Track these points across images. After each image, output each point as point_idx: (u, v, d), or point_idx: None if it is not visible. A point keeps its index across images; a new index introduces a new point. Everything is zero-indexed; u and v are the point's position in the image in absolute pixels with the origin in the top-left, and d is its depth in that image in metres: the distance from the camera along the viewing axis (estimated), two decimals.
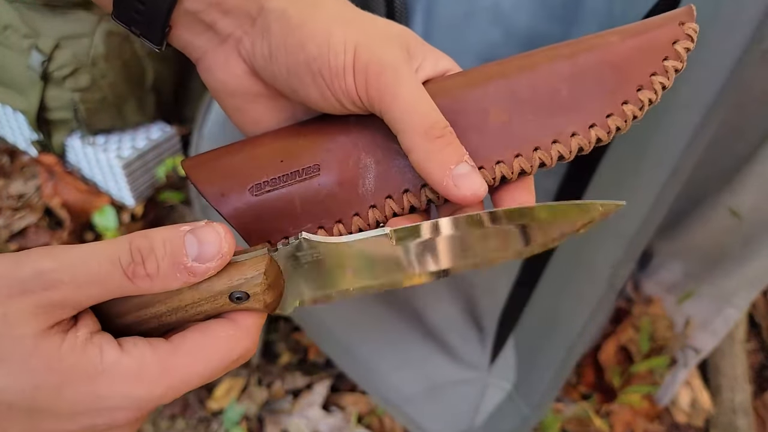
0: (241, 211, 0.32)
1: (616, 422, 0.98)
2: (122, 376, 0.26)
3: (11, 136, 1.29)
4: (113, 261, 0.25)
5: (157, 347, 0.26)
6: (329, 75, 0.30)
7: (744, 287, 0.89)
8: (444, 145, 0.30)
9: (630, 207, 0.65)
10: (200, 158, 0.34)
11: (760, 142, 0.77)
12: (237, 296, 0.27)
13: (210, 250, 0.26)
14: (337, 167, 0.33)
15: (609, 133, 0.32)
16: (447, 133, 0.30)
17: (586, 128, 0.32)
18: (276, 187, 0.32)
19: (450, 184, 0.30)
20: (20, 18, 1.05)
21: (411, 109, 0.30)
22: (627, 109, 0.32)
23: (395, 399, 0.81)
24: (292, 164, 0.33)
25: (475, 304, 0.89)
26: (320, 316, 0.87)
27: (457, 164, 0.30)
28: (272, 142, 0.33)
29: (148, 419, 1.03)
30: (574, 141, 0.32)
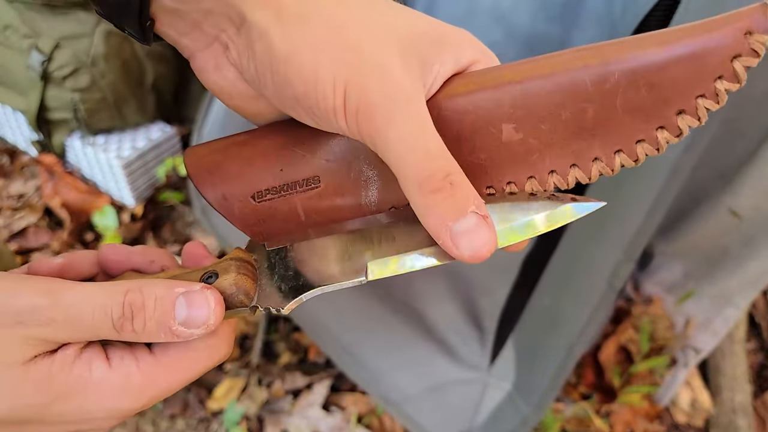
0: (245, 214, 0.32)
1: (616, 422, 0.98)
2: (109, 390, 0.27)
3: (11, 136, 1.29)
4: (105, 311, 0.26)
5: (141, 360, 0.28)
6: (320, 114, 0.27)
7: (744, 287, 0.89)
8: (441, 200, 0.26)
9: (630, 207, 0.65)
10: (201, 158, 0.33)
11: (760, 142, 0.77)
12: (208, 276, 0.29)
13: (197, 320, 0.27)
14: (337, 179, 0.31)
15: (636, 161, 0.28)
16: (446, 185, 0.26)
17: (611, 154, 0.28)
18: (278, 195, 0.32)
19: (448, 243, 0.26)
20: (20, 18, 1.05)
21: (403, 157, 0.26)
22: (661, 137, 0.27)
23: (395, 399, 0.81)
24: (291, 174, 0.32)
25: (475, 304, 0.89)
26: (320, 316, 0.87)
27: (456, 220, 0.26)
28: (270, 150, 0.32)
29: (148, 419, 1.03)
30: (595, 167, 0.28)
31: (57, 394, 0.26)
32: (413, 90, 0.27)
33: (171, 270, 0.31)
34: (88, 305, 0.26)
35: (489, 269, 0.92)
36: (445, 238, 0.26)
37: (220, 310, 0.28)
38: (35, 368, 0.26)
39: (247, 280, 0.29)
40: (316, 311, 0.87)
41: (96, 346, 0.28)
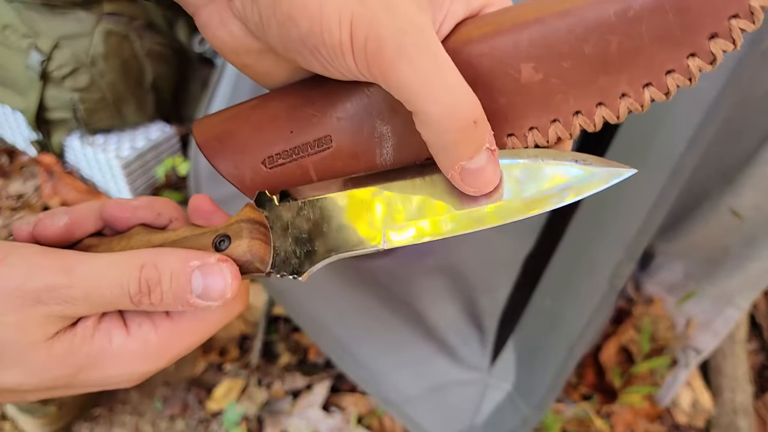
0: (257, 183, 0.31)
1: (617, 423, 0.98)
2: (129, 357, 0.28)
3: (10, 136, 1.29)
4: (122, 287, 0.26)
5: (159, 325, 0.28)
6: (326, 53, 0.26)
7: (745, 287, 0.89)
8: (461, 140, 0.25)
9: (631, 207, 0.65)
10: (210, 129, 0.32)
11: (760, 142, 0.77)
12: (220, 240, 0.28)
13: (214, 293, 0.27)
14: (350, 138, 0.29)
15: (668, 94, 0.26)
16: (470, 124, 0.25)
17: (640, 88, 0.26)
18: (289, 159, 0.30)
19: (456, 177, 0.26)
20: (19, 18, 1.05)
21: (418, 92, 0.25)
22: (693, 65, 0.25)
23: (395, 399, 0.81)
24: (302, 136, 0.30)
25: (476, 305, 0.88)
26: (320, 317, 0.87)
27: (470, 159, 0.26)
28: (280, 112, 0.31)
29: (147, 420, 1.03)
30: (623, 103, 0.26)
31: (81, 366, 0.27)
32: (423, 23, 0.26)
33: (180, 229, 0.30)
34: (105, 281, 0.26)
35: (490, 269, 0.91)
36: (454, 173, 0.26)
37: (237, 283, 0.27)
38: (58, 344, 0.26)
39: (260, 246, 0.28)
40: (316, 311, 0.87)
41: (114, 315, 0.28)
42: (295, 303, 0.88)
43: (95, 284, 0.26)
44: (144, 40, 1.12)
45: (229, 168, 0.31)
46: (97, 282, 0.26)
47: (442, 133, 0.25)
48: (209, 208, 0.31)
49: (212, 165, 0.32)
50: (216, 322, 0.29)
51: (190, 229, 0.29)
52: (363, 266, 0.92)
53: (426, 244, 0.29)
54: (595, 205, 0.69)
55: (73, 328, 0.27)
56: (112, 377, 0.28)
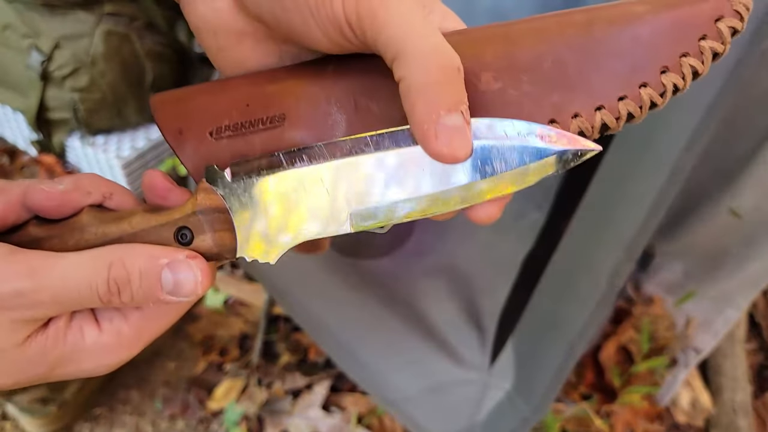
0: (197, 153, 0.30)
1: (617, 422, 0.98)
2: (103, 350, 0.28)
3: (11, 136, 1.29)
4: (91, 288, 0.26)
5: (129, 317, 0.28)
6: (314, 1, 0.26)
7: (744, 287, 0.89)
8: (444, 84, 0.25)
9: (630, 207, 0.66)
10: (169, 94, 0.32)
11: (760, 142, 0.77)
12: (182, 233, 0.28)
13: (185, 289, 0.27)
14: (303, 119, 0.29)
15: (618, 120, 0.27)
16: (454, 71, 0.25)
17: (592, 110, 0.27)
18: (237, 133, 0.30)
19: (431, 132, 0.25)
20: (20, 18, 1.05)
21: (407, 29, 0.25)
22: (645, 93, 0.27)
23: (395, 399, 0.81)
24: (257, 111, 0.30)
25: (475, 305, 0.89)
26: (321, 316, 0.87)
27: (449, 112, 0.25)
28: (242, 85, 0.31)
29: (147, 420, 1.03)
30: (574, 123, 0.27)
31: (55, 364, 0.27)
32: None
33: (135, 217, 0.28)
34: (72, 283, 0.26)
35: (490, 269, 0.92)
36: (430, 126, 0.25)
37: (207, 279, 0.27)
38: (30, 348, 0.26)
39: (226, 236, 0.27)
40: (316, 311, 0.87)
41: (84, 312, 0.28)
42: (296, 303, 0.88)
43: (63, 286, 0.26)
44: (144, 40, 1.12)
45: (174, 132, 0.31)
46: (64, 284, 0.26)
47: (428, 70, 0.25)
48: (164, 185, 0.30)
49: (158, 126, 0.31)
50: (185, 305, 0.29)
51: (144, 218, 0.28)
52: (363, 266, 0.93)
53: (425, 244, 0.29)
54: (595, 206, 0.69)
55: (45, 330, 0.27)
56: (88, 369, 0.28)
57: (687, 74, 0.27)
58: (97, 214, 0.29)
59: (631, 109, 0.27)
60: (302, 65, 0.31)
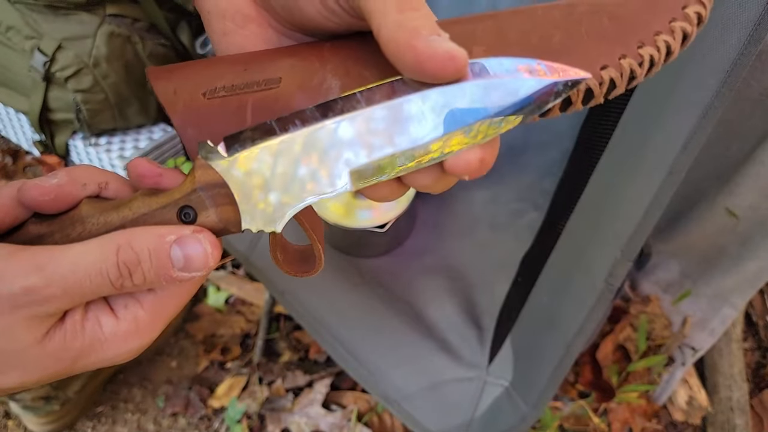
0: (189, 110, 0.30)
1: (614, 420, 0.99)
2: (123, 338, 0.28)
3: (14, 137, 1.30)
4: (102, 275, 0.26)
5: (144, 300, 0.28)
6: None
7: (741, 286, 0.90)
8: (419, 16, 0.26)
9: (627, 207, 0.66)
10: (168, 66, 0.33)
11: (757, 142, 0.78)
12: (185, 212, 0.27)
13: (196, 263, 0.27)
14: (299, 83, 0.30)
15: (602, 85, 0.29)
16: (422, 5, 0.26)
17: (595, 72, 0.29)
18: (231, 93, 0.30)
19: (422, 44, 0.25)
20: (22, 19, 1.05)
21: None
22: (625, 63, 0.29)
23: (394, 397, 0.82)
24: (254, 75, 0.31)
25: (474, 303, 0.89)
26: (321, 315, 0.87)
27: (431, 33, 0.25)
28: (241, 56, 0.32)
29: (150, 417, 1.04)
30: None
31: (77, 357, 0.27)
32: None
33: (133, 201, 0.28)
34: (82, 272, 0.26)
35: (488, 268, 0.92)
36: (418, 41, 0.25)
37: (217, 251, 0.27)
38: (50, 343, 0.26)
39: (229, 210, 0.27)
40: (317, 310, 0.88)
41: (99, 301, 0.28)
42: (296, 302, 0.89)
43: (73, 277, 0.25)
44: (146, 42, 1.13)
45: (168, 92, 0.31)
46: (74, 275, 0.25)
47: (400, 11, 0.25)
48: (153, 171, 0.29)
49: (152, 86, 0.32)
50: (198, 281, 0.29)
51: (145, 202, 0.28)
52: (363, 265, 0.93)
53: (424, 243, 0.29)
54: (592, 205, 0.70)
55: (62, 323, 0.27)
56: (109, 358, 0.28)
57: (661, 47, 0.30)
58: (96, 204, 0.28)
59: (613, 75, 0.29)
60: (302, 44, 0.32)
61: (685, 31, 0.30)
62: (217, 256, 0.27)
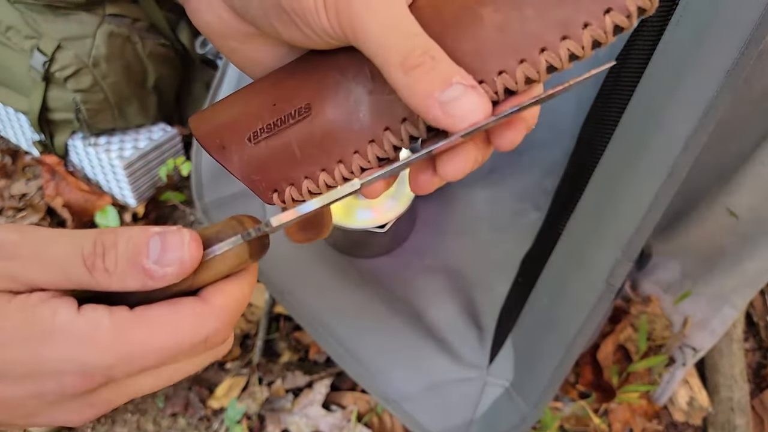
0: (244, 162, 0.31)
1: (615, 421, 0.98)
2: (72, 338, 0.24)
3: (13, 137, 1.30)
4: (75, 248, 0.25)
5: (116, 314, 0.25)
6: (302, 13, 0.27)
7: (742, 286, 0.90)
8: (423, 74, 0.26)
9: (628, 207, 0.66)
10: (203, 113, 0.33)
11: (758, 142, 0.77)
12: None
13: (171, 256, 0.25)
14: (328, 103, 0.30)
15: (630, 17, 0.26)
16: (427, 59, 0.26)
17: (601, 14, 0.26)
18: (272, 132, 0.31)
19: (438, 113, 0.25)
20: (22, 19, 1.05)
21: (383, 42, 0.26)
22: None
23: (395, 397, 0.82)
24: (284, 107, 0.31)
25: (474, 303, 0.89)
26: (321, 316, 0.87)
27: (443, 89, 0.25)
28: (265, 87, 0.32)
29: (149, 418, 1.04)
30: (586, 33, 0.26)
31: (11, 335, 0.24)
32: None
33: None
34: (57, 243, 0.25)
35: (488, 268, 0.92)
36: (434, 109, 0.25)
37: (196, 248, 0.26)
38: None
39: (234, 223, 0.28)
40: (317, 310, 0.88)
41: (68, 297, 0.26)
42: (296, 302, 0.88)
43: (46, 244, 0.25)
44: (146, 41, 1.13)
45: (217, 148, 0.32)
46: (49, 242, 0.25)
47: (406, 74, 0.26)
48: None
49: (201, 145, 0.33)
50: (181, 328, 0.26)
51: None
52: (363, 265, 0.93)
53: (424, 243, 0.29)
54: (593, 206, 0.70)
55: (11, 295, 0.24)
56: (49, 361, 0.24)
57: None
58: None
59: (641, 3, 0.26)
60: (315, 55, 0.31)
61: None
62: (195, 254, 0.26)
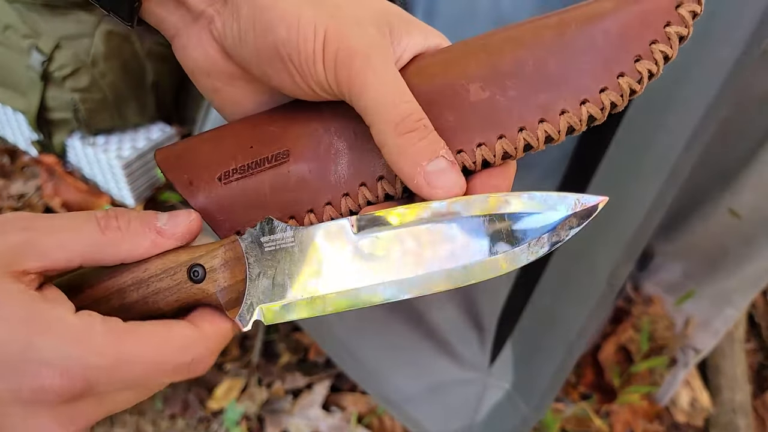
0: (210, 200, 0.31)
1: (616, 422, 0.98)
2: (64, 332, 0.24)
3: (12, 137, 1.29)
4: (89, 214, 0.27)
5: (109, 321, 0.26)
6: (299, 61, 0.28)
7: (743, 287, 0.89)
8: (416, 140, 0.28)
9: (630, 207, 0.66)
10: (172, 148, 0.33)
11: (759, 142, 0.77)
12: (194, 270, 0.28)
13: (179, 218, 0.28)
14: (307, 153, 0.31)
15: (603, 110, 0.29)
16: (420, 126, 0.28)
17: (577, 105, 0.29)
18: (245, 174, 0.31)
19: (422, 182, 0.28)
20: (20, 18, 1.05)
21: (381, 100, 0.28)
22: (623, 82, 0.29)
23: (396, 399, 0.82)
24: (261, 150, 0.31)
25: (475, 305, 0.89)
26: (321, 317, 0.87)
27: (430, 160, 0.28)
28: (243, 129, 0.32)
29: (148, 419, 1.03)
30: (563, 119, 0.29)
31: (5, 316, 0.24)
32: (386, 43, 0.29)
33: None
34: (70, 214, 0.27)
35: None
36: (420, 178, 0.28)
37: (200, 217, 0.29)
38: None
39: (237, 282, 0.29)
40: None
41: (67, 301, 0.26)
42: None
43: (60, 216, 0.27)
44: (145, 40, 1.13)
45: (184, 182, 0.32)
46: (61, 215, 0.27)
47: (398, 135, 0.28)
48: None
49: (167, 178, 0.32)
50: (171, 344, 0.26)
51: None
52: None
53: None
54: None
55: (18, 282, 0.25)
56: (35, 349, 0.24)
57: (659, 59, 0.29)
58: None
59: (613, 99, 0.29)
60: (298, 104, 0.32)
61: (681, 35, 0.29)
62: (198, 223, 0.29)
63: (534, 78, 0.29)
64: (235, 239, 0.29)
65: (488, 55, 0.30)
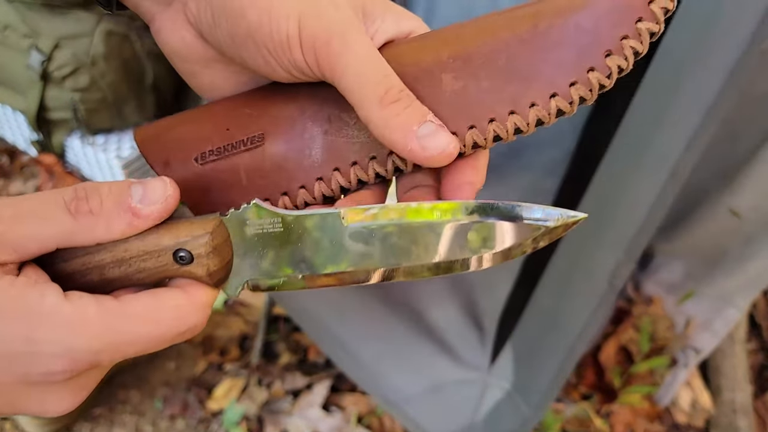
0: (187, 180, 0.31)
1: (617, 422, 0.98)
2: (61, 321, 0.24)
3: (11, 136, 1.29)
4: (56, 198, 0.25)
5: (102, 302, 0.25)
6: (273, 47, 0.28)
7: (744, 287, 0.89)
8: (402, 108, 0.28)
9: (630, 207, 0.66)
10: (151, 127, 0.33)
11: (760, 142, 0.77)
12: (181, 255, 0.27)
13: (154, 194, 0.26)
14: (282, 136, 0.31)
15: (572, 104, 0.29)
16: (404, 96, 0.28)
17: (547, 98, 0.29)
18: (221, 156, 0.31)
19: (416, 147, 0.28)
20: (20, 18, 1.05)
21: (362, 79, 0.28)
22: (593, 77, 0.29)
23: (396, 399, 0.82)
24: (237, 133, 0.31)
25: (476, 305, 0.89)
26: (321, 317, 0.87)
27: (420, 124, 0.28)
28: (220, 111, 0.32)
29: (148, 419, 1.03)
30: (532, 112, 0.29)
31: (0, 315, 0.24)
32: (360, 23, 0.29)
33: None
34: (37, 198, 0.26)
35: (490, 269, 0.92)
36: (413, 144, 0.28)
37: (176, 187, 0.27)
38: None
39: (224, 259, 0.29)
40: (316, 311, 0.87)
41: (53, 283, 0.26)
42: (295, 303, 0.88)
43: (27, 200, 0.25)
44: (144, 40, 1.12)
45: (161, 163, 0.32)
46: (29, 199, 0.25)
47: (384, 107, 0.28)
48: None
49: (144, 157, 0.32)
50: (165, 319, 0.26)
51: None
52: None
53: None
54: (595, 206, 0.69)
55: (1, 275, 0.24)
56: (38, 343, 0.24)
57: (629, 55, 0.29)
58: None
59: (582, 93, 0.29)
60: (275, 87, 0.32)
61: (652, 31, 0.29)
62: (176, 190, 0.27)
63: (506, 70, 0.30)
64: (220, 222, 0.28)
65: (461, 46, 0.30)
